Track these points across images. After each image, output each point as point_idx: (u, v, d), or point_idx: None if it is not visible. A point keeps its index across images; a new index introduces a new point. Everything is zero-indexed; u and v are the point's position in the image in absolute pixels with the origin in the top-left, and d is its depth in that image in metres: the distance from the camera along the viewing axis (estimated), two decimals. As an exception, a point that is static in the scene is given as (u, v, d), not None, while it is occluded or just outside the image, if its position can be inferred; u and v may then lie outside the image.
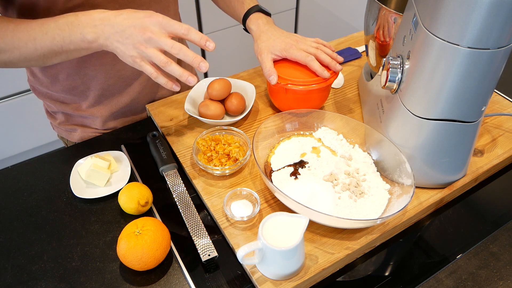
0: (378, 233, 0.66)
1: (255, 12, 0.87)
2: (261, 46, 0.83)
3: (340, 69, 0.81)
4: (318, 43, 0.84)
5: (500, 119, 0.87)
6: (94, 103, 0.90)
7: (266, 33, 0.84)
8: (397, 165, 0.71)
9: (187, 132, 0.85)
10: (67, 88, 0.86)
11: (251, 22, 0.87)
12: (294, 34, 0.85)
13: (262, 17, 0.86)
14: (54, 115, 0.96)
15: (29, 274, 0.64)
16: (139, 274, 0.64)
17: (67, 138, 0.97)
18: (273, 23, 0.87)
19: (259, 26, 0.85)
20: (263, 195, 0.73)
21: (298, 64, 0.83)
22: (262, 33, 0.84)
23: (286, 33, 0.85)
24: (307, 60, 0.79)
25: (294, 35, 0.84)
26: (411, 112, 0.67)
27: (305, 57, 0.80)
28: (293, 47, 0.81)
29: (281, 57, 0.82)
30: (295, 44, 0.81)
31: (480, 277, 0.65)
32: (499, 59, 0.59)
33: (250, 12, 0.87)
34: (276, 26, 0.86)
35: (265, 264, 0.60)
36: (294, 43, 0.82)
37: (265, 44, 0.83)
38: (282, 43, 0.82)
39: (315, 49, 0.82)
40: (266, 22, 0.86)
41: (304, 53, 0.80)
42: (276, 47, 0.82)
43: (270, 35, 0.83)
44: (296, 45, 0.81)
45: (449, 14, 0.57)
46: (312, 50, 0.81)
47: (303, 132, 0.82)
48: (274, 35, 0.83)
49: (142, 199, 0.69)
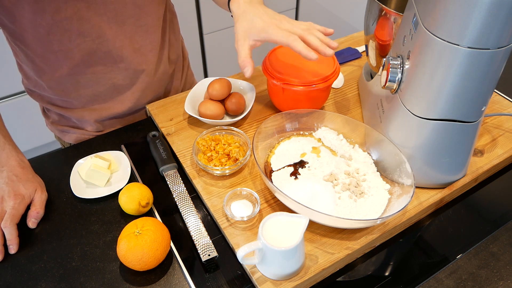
0: (378, 233, 0.66)
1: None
2: (238, 31, 0.71)
3: (330, 54, 0.69)
4: (309, 26, 0.72)
5: (500, 119, 0.87)
6: (85, 107, 0.90)
7: (246, 14, 0.70)
8: (397, 165, 0.71)
9: (187, 132, 0.85)
10: (59, 92, 0.87)
11: (233, 3, 0.74)
12: (282, 15, 0.72)
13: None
14: (48, 113, 0.96)
15: (29, 274, 0.64)
16: (139, 274, 0.64)
17: (62, 138, 0.98)
18: (258, 2, 0.73)
19: (239, 6, 0.72)
20: (263, 195, 0.73)
21: (298, 64, 0.83)
22: (241, 15, 0.71)
23: (271, 12, 0.71)
24: (288, 40, 0.67)
25: (281, 15, 0.72)
26: (411, 112, 0.67)
27: (286, 37, 0.67)
28: (273, 27, 0.68)
29: (260, 41, 0.69)
30: (277, 23, 0.68)
31: (480, 277, 0.65)
32: (499, 59, 0.59)
33: None
34: (262, 5, 0.72)
35: (265, 264, 0.60)
36: (277, 22, 0.69)
37: (243, 28, 0.70)
38: (261, 22, 0.68)
39: (302, 30, 0.69)
40: (250, 1, 0.73)
41: (286, 33, 0.67)
42: (254, 29, 0.69)
43: (252, 15, 0.70)
44: (278, 24, 0.68)
45: (449, 14, 0.57)
46: (298, 31, 0.69)
47: (303, 132, 0.82)
48: (256, 15, 0.69)
49: (143, 199, 0.69)
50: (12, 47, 0.83)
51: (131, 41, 0.83)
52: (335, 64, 0.83)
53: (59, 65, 0.81)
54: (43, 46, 0.77)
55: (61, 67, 0.81)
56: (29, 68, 0.84)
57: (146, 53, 0.87)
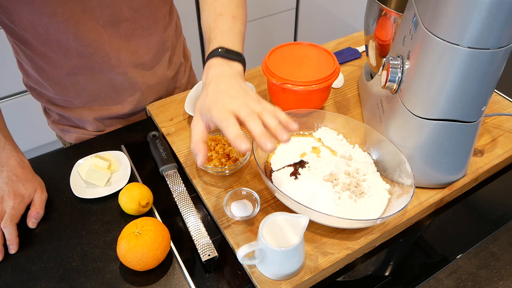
0: (378, 233, 0.66)
1: (213, 58, 0.65)
2: (195, 107, 0.61)
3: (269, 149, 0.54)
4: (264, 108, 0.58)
5: (500, 119, 0.87)
6: (85, 107, 0.90)
7: (206, 88, 0.61)
8: (397, 165, 0.71)
9: (187, 132, 0.85)
10: (59, 91, 0.87)
11: (204, 72, 0.66)
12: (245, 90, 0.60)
13: (218, 65, 0.64)
14: (49, 113, 0.97)
15: (29, 274, 0.64)
16: (139, 274, 0.64)
17: (63, 137, 0.98)
18: (231, 73, 0.63)
19: (207, 76, 0.63)
20: (263, 195, 0.73)
21: (298, 64, 0.83)
22: (203, 88, 0.63)
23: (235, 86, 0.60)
24: (222, 125, 0.56)
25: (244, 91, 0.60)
26: (411, 112, 0.67)
27: (221, 121, 0.56)
28: (218, 106, 0.57)
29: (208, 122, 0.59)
30: (226, 102, 0.57)
31: (480, 277, 0.65)
32: (499, 59, 0.59)
33: (209, 56, 0.66)
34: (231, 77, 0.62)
35: (265, 264, 0.60)
36: (227, 100, 0.58)
37: (198, 105, 0.61)
38: (211, 100, 0.58)
39: (248, 112, 0.56)
40: (220, 72, 0.63)
41: (225, 115, 0.56)
42: (204, 107, 0.59)
43: (210, 90, 0.60)
44: (227, 103, 0.57)
45: (449, 14, 0.57)
46: (243, 113, 0.56)
47: (303, 132, 0.82)
48: (213, 90, 0.60)
49: (143, 199, 0.69)
50: (12, 45, 0.83)
51: (127, 44, 0.83)
52: (335, 64, 0.83)
53: (58, 64, 0.81)
54: (43, 46, 0.77)
55: (61, 66, 0.81)
56: (29, 67, 0.84)
57: (142, 55, 0.87)
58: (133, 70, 0.87)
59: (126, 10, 0.79)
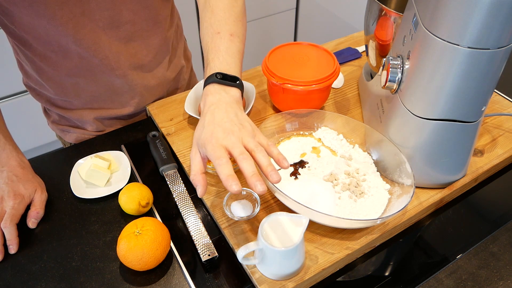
0: (378, 233, 0.66)
1: (210, 84, 0.66)
2: (194, 137, 0.63)
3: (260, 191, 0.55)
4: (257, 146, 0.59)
5: (500, 119, 0.87)
6: (84, 107, 0.90)
7: (203, 118, 0.63)
8: (397, 165, 0.71)
9: (187, 132, 0.85)
10: (58, 92, 0.87)
11: (202, 98, 0.67)
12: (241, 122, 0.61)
13: (215, 92, 0.65)
14: (49, 113, 0.97)
15: (29, 274, 0.64)
16: (139, 274, 0.64)
17: (63, 137, 0.98)
18: (228, 101, 0.64)
19: (205, 104, 0.65)
20: (263, 195, 0.73)
21: (298, 64, 0.83)
22: (201, 116, 0.64)
23: (230, 117, 0.61)
24: (215, 163, 0.57)
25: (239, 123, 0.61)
26: (411, 112, 0.67)
27: (214, 159, 0.57)
28: (213, 142, 0.58)
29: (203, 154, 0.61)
30: (220, 138, 0.58)
31: (480, 277, 0.65)
32: (499, 59, 0.59)
33: (206, 82, 0.67)
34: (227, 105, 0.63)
35: (265, 264, 0.60)
36: (221, 136, 0.59)
37: (196, 135, 0.62)
38: (207, 134, 0.59)
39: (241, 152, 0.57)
40: (217, 100, 0.64)
41: (219, 153, 0.57)
42: (200, 141, 0.60)
43: (206, 121, 0.61)
44: (221, 139, 0.58)
45: (449, 14, 0.57)
46: (236, 152, 0.57)
47: (303, 132, 0.82)
48: (209, 122, 0.61)
49: (143, 199, 0.69)
50: (12, 46, 0.83)
51: (127, 46, 0.83)
52: (335, 64, 0.83)
53: (58, 65, 0.81)
54: (43, 47, 0.77)
55: (61, 67, 0.81)
56: (29, 67, 0.84)
57: (142, 57, 0.87)
58: (132, 73, 0.87)
59: (126, 12, 0.79)
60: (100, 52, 0.81)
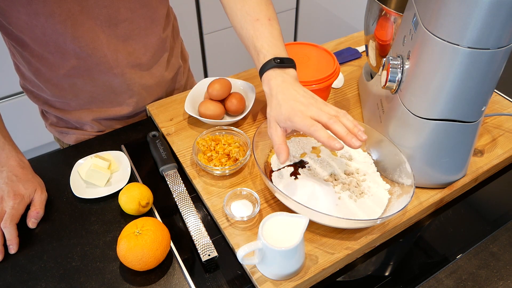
0: (378, 233, 0.66)
1: (270, 69, 0.70)
2: (269, 116, 0.69)
3: (356, 146, 0.62)
4: (338, 113, 0.65)
5: (500, 119, 0.87)
6: (82, 108, 0.90)
7: (275, 98, 0.68)
8: (397, 165, 0.71)
9: (187, 132, 0.85)
10: (56, 93, 0.87)
11: (264, 83, 0.71)
12: (312, 96, 0.67)
13: (277, 75, 0.70)
14: (47, 115, 0.96)
15: (29, 274, 0.64)
16: (139, 274, 0.64)
17: (61, 139, 0.97)
18: (290, 81, 0.69)
19: (271, 88, 0.69)
20: (263, 195, 0.73)
21: (298, 63, 0.83)
22: (272, 98, 0.69)
23: (301, 94, 0.66)
24: (310, 130, 0.62)
25: (311, 97, 0.67)
26: (411, 112, 0.67)
27: (308, 127, 0.63)
28: (298, 114, 0.64)
29: (287, 128, 0.67)
30: (304, 110, 0.64)
31: (480, 277, 0.65)
32: (499, 59, 0.59)
33: (265, 68, 0.71)
34: (293, 85, 0.69)
35: (265, 264, 0.60)
36: (303, 108, 0.64)
37: (272, 113, 0.68)
38: (288, 109, 0.65)
39: (328, 118, 0.63)
40: (281, 81, 0.69)
41: (310, 121, 0.63)
42: (281, 116, 0.66)
43: (280, 100, 0.67)
44: (304, 111, 0.64)
45: (449, 14, 0.57)
46: (323, 118, 0.63)
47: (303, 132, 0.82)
48: (284, 100, 0.66)
49: (143, 200, 0.69)
50: (9, 47, 0.83)
51: (125, 44, 0.83)
52: (335, 64, 0.83)
53: (55, 66, 0.81)
54: (40, 47, 0.77)
55: (58, 68, 0.81)
56: (26, 69, 0.84)
57: (140, 56, 0.87)
58: (130, 71, 0.87)
59: (124, 10, 0.79)
60: (98, 50, 0.81)
